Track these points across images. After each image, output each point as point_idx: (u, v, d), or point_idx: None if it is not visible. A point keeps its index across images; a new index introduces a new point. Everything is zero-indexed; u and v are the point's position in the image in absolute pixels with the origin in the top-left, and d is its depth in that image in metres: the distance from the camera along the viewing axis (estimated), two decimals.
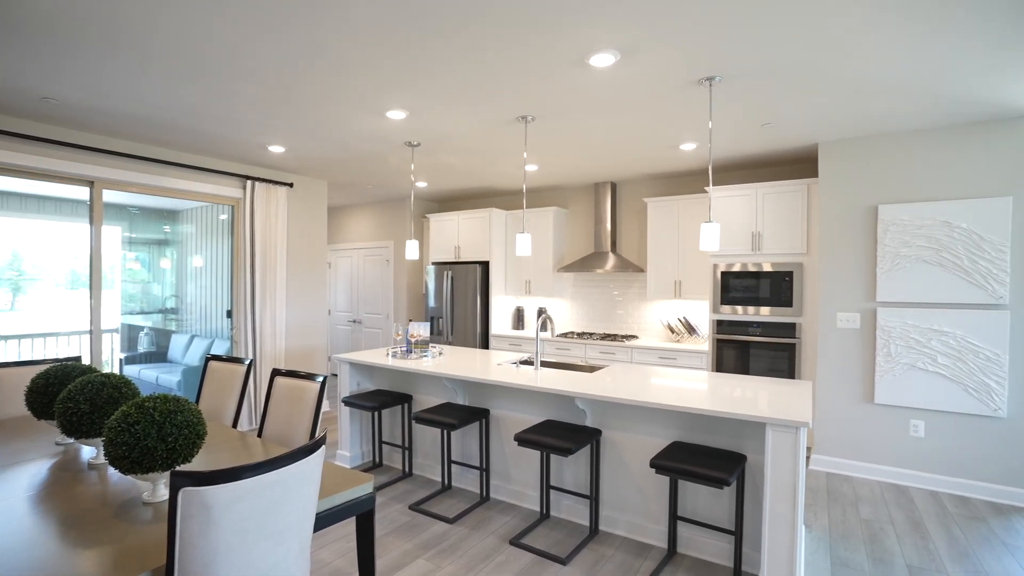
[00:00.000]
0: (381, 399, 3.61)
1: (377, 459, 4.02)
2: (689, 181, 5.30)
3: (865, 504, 3.40)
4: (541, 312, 5.99)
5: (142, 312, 5.04)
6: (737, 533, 2.49)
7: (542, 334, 5.63)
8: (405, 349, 4.06)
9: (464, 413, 3.24)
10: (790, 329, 4.24)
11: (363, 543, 1.88)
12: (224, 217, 4.98)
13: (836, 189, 3.95)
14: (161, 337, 5.10)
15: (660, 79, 2.79)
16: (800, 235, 4.22)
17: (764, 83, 2.84)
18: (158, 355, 5.09)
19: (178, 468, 1.69)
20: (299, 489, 1.41)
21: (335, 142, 4.06)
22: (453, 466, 3.64)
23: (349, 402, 3.64)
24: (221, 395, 2.79)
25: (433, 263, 6.40)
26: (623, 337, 5.27)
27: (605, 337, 5.26)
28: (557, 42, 2.37)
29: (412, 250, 4.23)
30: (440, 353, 4.10)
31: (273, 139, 3.99)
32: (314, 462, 1.44)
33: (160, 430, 1.48)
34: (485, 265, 5.95)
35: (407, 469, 3.86)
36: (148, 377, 4.97)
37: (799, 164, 4.69)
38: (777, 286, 4.29)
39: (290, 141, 4.04)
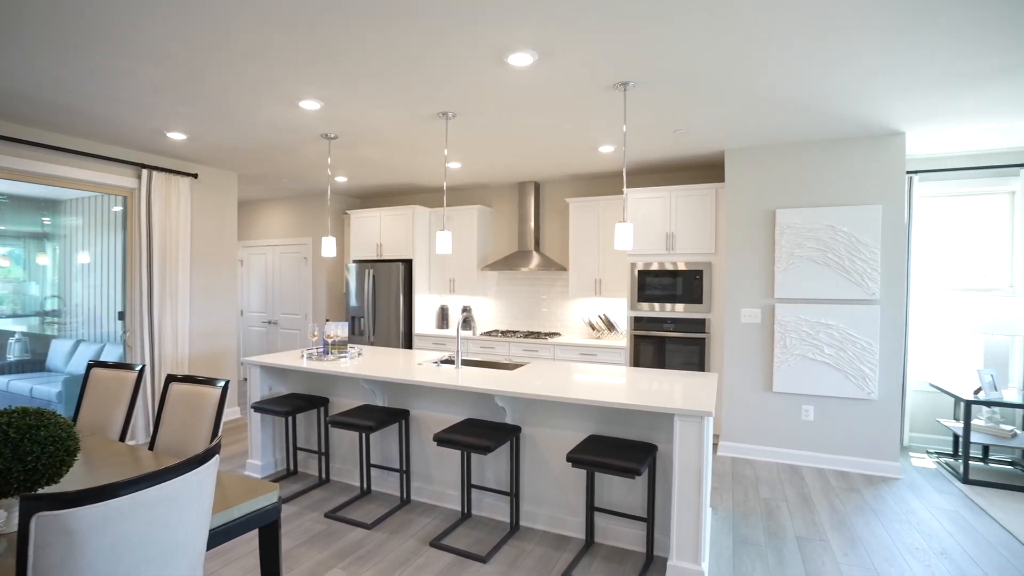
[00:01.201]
0: (295, 403, 3.44)
1: (292, 467, 3.82)
2: (609, 182, 5.49)
3: (764, 484, 3.68)
4: (465, 311, 5.96)
5: (14, 315, 4.46)
6: (649, 520, 2.61)
7: (465, 333, 5.61)
8: (321, 350, 3.89)
9: (383, 415, 3.15)
10: (700, 325, 4.51)
11: (267, 557, 1.77)
12: (118, 209, 4.51)
13: (740, 193, 4.25)
14: (38, 343, 4.53)
15: (577, 82, 2.86)
16: (709, 236, 4.50)
17: (675, 91, 3.00)
18: (34, 363, 4.52)
19: (41, 490, 1.51)
20: (188, 504, 1.30)
21: (243, 131, 3.81)
22: (372, 470, 3.53)
23: (260, 407, 3.43)
24: (106, 406, 2.52)
25: (354, 261, 6.18)
26: (546, 335, 5.37)
27: (529, 335, 5.33)
28: (476, 38, 2.35)
29: (329, 247, 4.05)
30: (359, 354, 3.96)
31: (172, 125, 3.67)
32: (205, 473, 1.34)
33: (16, 449, 1.30)
34: (408, 263, 5.83)
35: (324, 475, 3.70)
36: (19, 389, 4.39)
37: (709, 169, 5.00)
38: (689, 284, 4.54)
39: (192, 128, 3.74)
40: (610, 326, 5.21)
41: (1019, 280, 4.17)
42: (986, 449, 4.18)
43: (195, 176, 4.74)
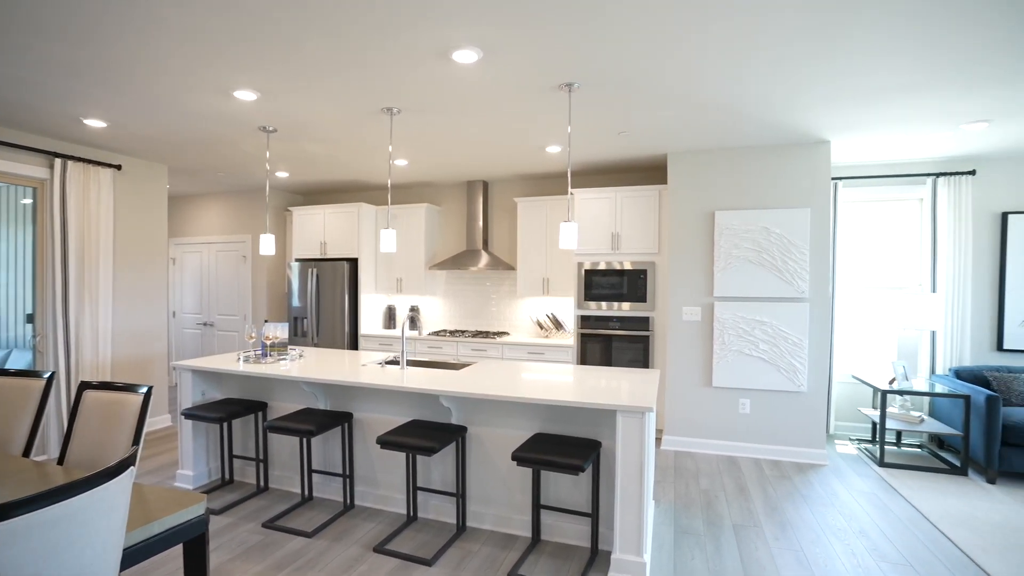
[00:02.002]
0: (230, 409, 3.26)
1: (228, 476, 3.63)
2: (558, 182, 5.55)
3: (704, 476, 3.83)
4: (413, 310, 5.87)
5: None
6: (594, 515, 2.65)
7: (411, 332, 5.51)
8: (260, 352, 3.71)
9: (325, 418, 3.04)
10: (645, 323, 4.64)
11: (193, 573, 1.66)
12: (27, 202, 4.13)
13: (682, 195, 4.40)
14: None
15: (524, 81, 2.86)
16: (653, 236, 4.63)
17: (619, 94, 3.05)
18: None
19: None
20: (96, 522, 1.20)
21: (173, 120, 3.57)
22: (314, 476, 3.40)
23: (191, 414, 3.23)
24: (7, 419, 2.30)
25: (297, 260, 5.95)
26: (495, 334, 5.36)
27: (477, 334, 5.31)
28: (420, 33, 2.31)
29: (267, 245, 3.87)
30: (301, 355, 3.81)
31: (90, 111, 3.39)
32: (116, 488, 1.23)
33: None
34: (354, 262, 5.67)
35: (262, 484, 3.54)
36: None
37: (653, 171, 5.14)
38: (634, 283, 4.66)
39: (113, 115, 3.47)
40: (558, 325, 5.26)
41: (927, 279, 4.53)
42: (899, 434, 4.53)
43: (118, 167, 4.41)
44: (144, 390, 2.14)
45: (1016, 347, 4.37)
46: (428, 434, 2.73)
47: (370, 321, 5.81)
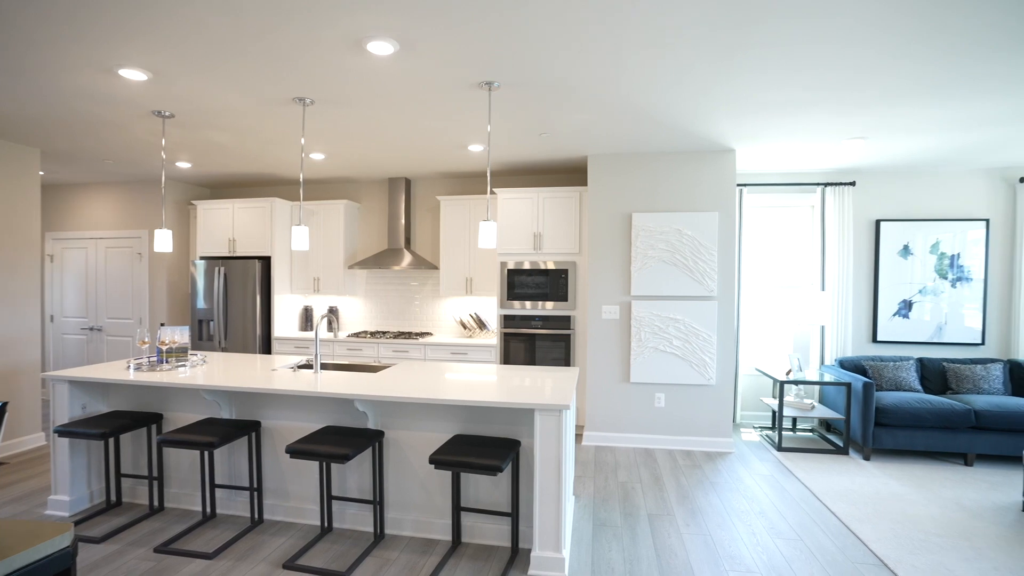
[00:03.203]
0: (116, 423, 2.93)
1: (114, 498, 3.27)
2: (481, 181, 5.53)
3: (622, 469, 3.96)
4: (331, 311, 5.62)
5: None
6: (514, 514, 2.65)
7: (328, 335, 5.26)
8: (155, 359, 3.38)
9: (229, 428, 2.82)
10: (566, 321, 4.73)
11: None
12: None
13: (601, 197, 4.53)
14: None
15: (443, 77, 2.81)
16: (574, 236, 4.73)
17: (539, 95, 3.08)
18: None
19: None
20: None
21: (44, 98, 3.16)
22: (218, 491, 3.15)
23: (66, 431, 2.87)
24: None
25: (203, 257, 5.50)
26: (417, 335, 5.25)
27: (399, 335, 5.17)
28: (329, 20, 2.19)
29: (164, 241, 3.53)
30: (204, 361, 3.51)
31: None
32: None
33: None
34: (267, 260, 5.33)
35: (157, 504, 3.22)
36: None
37: (575, 173, 5.26)
38: (556, 283, 4.74)
39: None
40: (481, 325, 5.24)
41: (818, 279, 4.99)
42: (795, 421, 4.95)
43: None
44: None
45: (887, 339, 4.92)
46: (342, 440, 2.60)
47: (285, 323, 5.49)
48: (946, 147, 4.08)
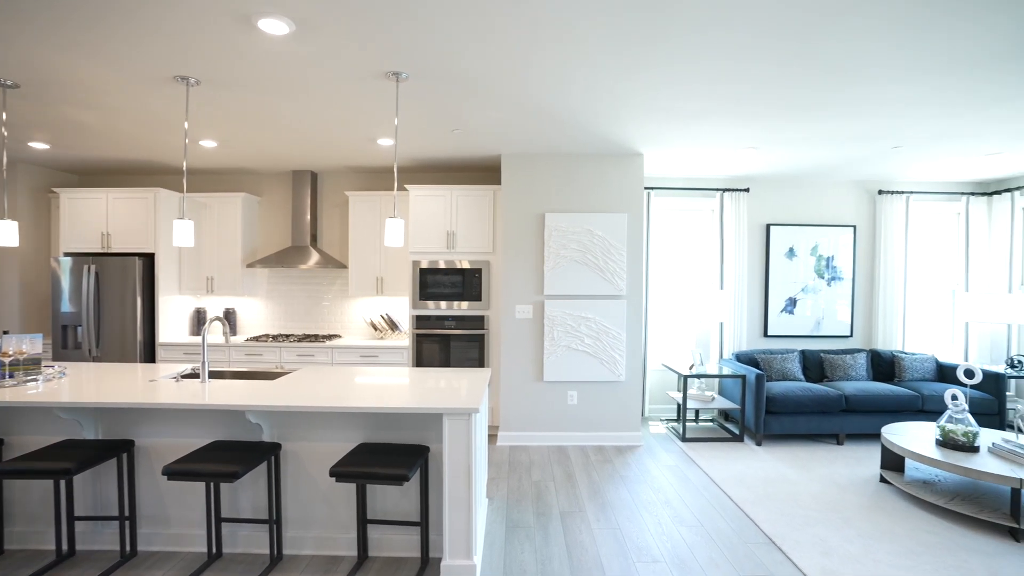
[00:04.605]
0: None
1: None
2: (392, 177, 5.32)
3: (536, 468, 3.97)
4: (229, 313, 5.16)
5: None
6: (423, 522, 2.55)
7: (219, 339, 4.82)
8: None
9: (92, 451, 2.45)
10: (480, 321, 4.67)
11: None
12: None
13: (514, 197, 4.52)
14: None
15: (347, 64, 2.63)
16: (488, 236, 4.68)
17: (449, 89, 2.99)
18: None
19: None
20: None
21: None
22: (78, 524, 2.74)
23: None
24: None
25: (68, 254, 4.82)
26: (324, 337, 4.96)
27: (305, 338, 4.85)
28: None
29: (9, 234, 3.02)
30: (62, 373, 3.05)
31: None
32: None
33: None
34: (150, 258, 4.78)
35: None
36: None
37: (488, 171, 5.22)
38: (470, 282, 4.67)
39: None
40: (393, 326, 5.06)
41: (718, 278, 5.33)
42: (697, 412, 5.25)
43: None
44: None
45: (776, 333, 5.37)
46: (232, 456, 2.36)
47: (173, 328, 4.95)
48: (822, 160, 4.52)
